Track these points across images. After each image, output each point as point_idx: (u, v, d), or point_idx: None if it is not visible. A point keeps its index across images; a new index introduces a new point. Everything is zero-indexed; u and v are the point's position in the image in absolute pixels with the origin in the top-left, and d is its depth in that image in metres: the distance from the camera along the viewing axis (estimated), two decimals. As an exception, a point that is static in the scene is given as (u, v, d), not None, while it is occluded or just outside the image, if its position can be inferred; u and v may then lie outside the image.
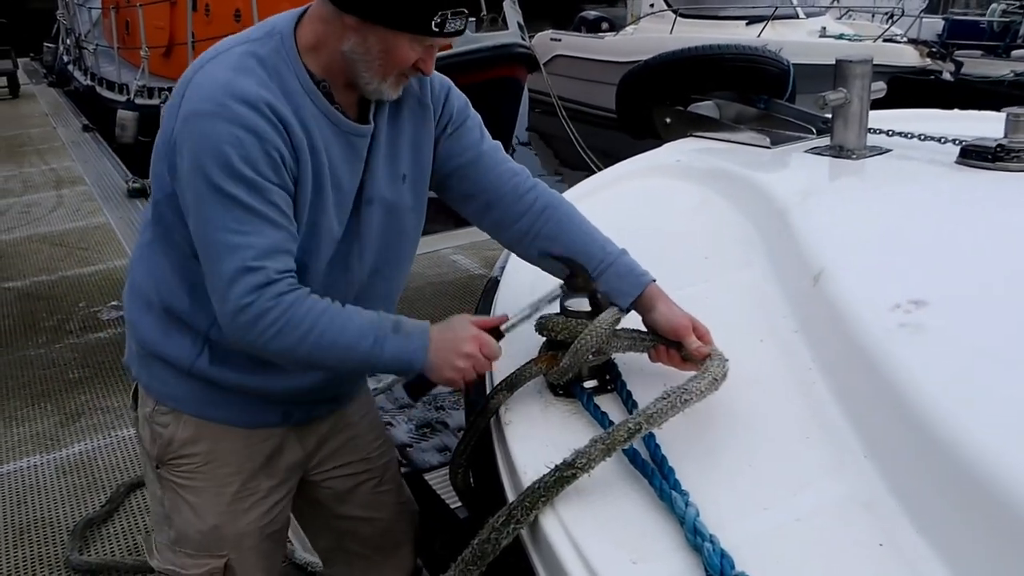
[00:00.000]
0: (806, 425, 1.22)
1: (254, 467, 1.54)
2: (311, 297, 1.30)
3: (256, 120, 1.24)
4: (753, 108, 2.53)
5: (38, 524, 2.74)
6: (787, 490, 1.10)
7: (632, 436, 1.12)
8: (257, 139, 1.24)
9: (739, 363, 1.34)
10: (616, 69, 11.99)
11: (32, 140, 9.99)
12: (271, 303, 1.26)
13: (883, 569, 0.97)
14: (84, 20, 13.38)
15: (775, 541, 1.02)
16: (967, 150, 1.95)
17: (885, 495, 1.06)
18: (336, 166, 1.36)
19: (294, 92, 1.30)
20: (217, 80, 1.27)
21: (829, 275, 1.42)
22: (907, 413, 1.08)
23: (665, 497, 1.08)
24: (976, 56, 12.58)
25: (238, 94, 1.25)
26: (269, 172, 1.26)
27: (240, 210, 1.25)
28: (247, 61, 1.29)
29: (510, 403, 1.33)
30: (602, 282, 1.39)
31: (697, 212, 1.95)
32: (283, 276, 1.28)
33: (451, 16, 1.26)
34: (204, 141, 1.24)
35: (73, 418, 3.40)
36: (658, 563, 1.00)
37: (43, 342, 4.16)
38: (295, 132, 1.28)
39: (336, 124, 1.35)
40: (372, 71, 1.31)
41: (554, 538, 1.05)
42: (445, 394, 3.30)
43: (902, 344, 1.19)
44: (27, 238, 6.00)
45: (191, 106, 1.27)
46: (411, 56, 1.30)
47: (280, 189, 1.28)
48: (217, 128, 1.24)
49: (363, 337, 1.30)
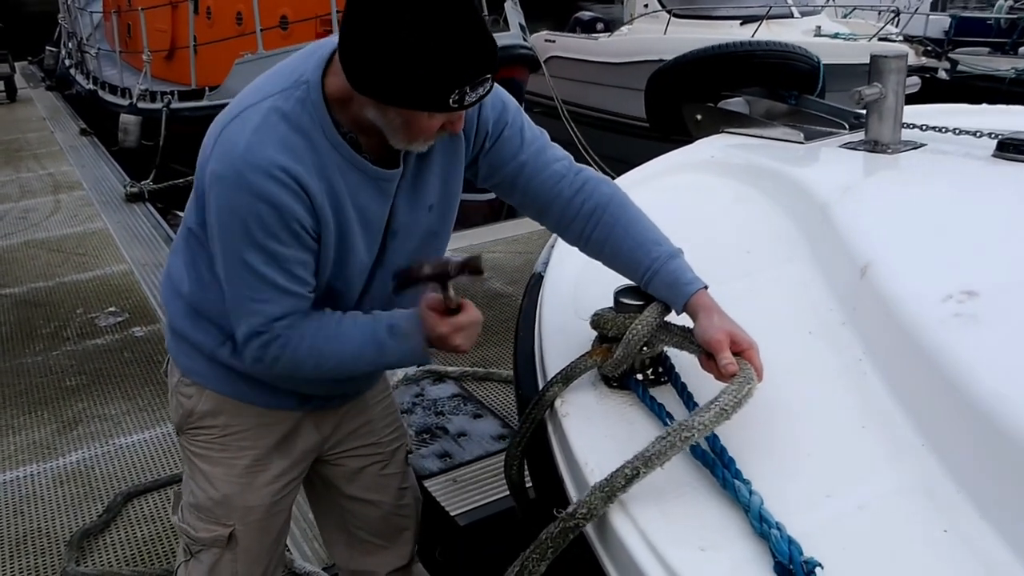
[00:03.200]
0: (860, 415, 1.23)
1: (268, 445, 1.61)
2: (306, 324, 1.39)
3: (275, 192, 1.28)
4: (783, 104, 2.54)
5: (35, 534, 2.71)
6: (847, 479, 1.12)
7: (631, 481, 1.08)
8: (276, 212, 1.29)
9: (788, 355, 1.37)
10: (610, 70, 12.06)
11: (29, 144, 9.83)
12: (278, 352, 1.39)
13: (950, 554, 0.98)
14: (86, 23, 13.30)
15: (840, 529, 1.03)
16: (1004, 143, 1.96)
17: (945, 482, 1.08)
18: (364, 207, 1.39)
19: (319, 147, 1.32)
20: (238, 146, 1.29)
21: (876, 268, 1.43)
22: (966, 402, 1.10)
23: (728, 487, 1.09)
24: (982, 53, 12.59)
25: (258, 164, 1.27)
26: (288, 239, 1.32)
27: (256, 279, 1.34)
28: (271, 118, 1.30)
29: (565, 395, 1.35)
30: (651, 292, 1.39)
31: (735, 207, 1.97)
32: (287, 321, 1.37)
33: (470, 91, 1.21)
34: (226, 210, 1.31)
35: (70, 426, 3.35)
36: (725, 550, 1.02)
37: (40, 349, 4.10)
38: (316, 196, 1.32)
39: (363, 171, 1.37)
40: (397, 139, 1.32)
41: (621, 530, 1.07)
42: (445, 399, 3.30)
43: (958, 334, 1.20)
44: (24, 244, 5.92)
45: (216, 167, 1.31)
46: (434, 126, 1.28)
47: (300, 253, 1.34)
48: (238, 199, 1.29)
49: (364, 349, 1.41)
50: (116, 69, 10.80)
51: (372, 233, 1.42)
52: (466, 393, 3.37)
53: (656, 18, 12.04)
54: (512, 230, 5.77)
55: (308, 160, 1.31)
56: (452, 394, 3.35)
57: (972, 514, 1.03)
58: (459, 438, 3.02)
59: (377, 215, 1.41)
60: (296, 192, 1.29)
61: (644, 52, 11.06)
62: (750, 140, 2.34)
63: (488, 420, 3.15)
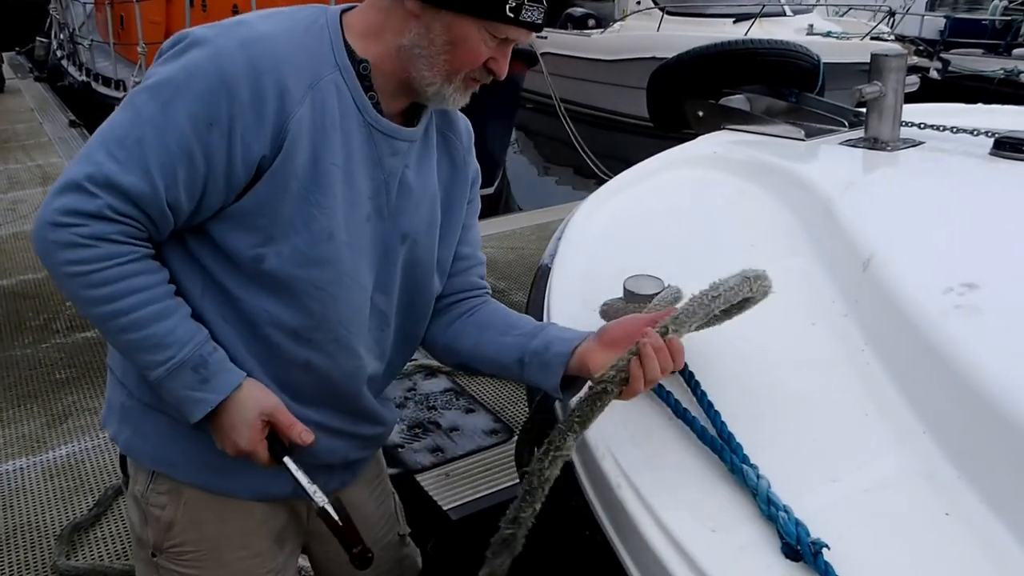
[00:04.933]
0: (863, 403, 1.26)
1: (266, 546, 1.41)
2: (143, 263, 1.15)
3: (242, 75, 1.10)
4: (784, 101, 2.58)
5: (24, 528, 2.69)
6: (851, 464, 1.15)
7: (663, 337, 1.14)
8: (229, 102, 1.11)
9: (793, 346, 1.40)
10: (604, 67, 12.12)
11: (18, 136, 9.76)
12: (85, 241, 1.11)
13: (952, 536, 1.02)
14: (77, 14, 13.22)
15: (845, 511, 1.06)
16: (1001, 142, 2.00)
17: (947, 468, 1.11)
18: (355, 163, 1.22)
19: (323, 60, 1.17)
20: (251, 26, 1.16)
21: (878, 261, 1.47)
22: (966, 389, 1.13)
23: (736, 471, 1.12)
24: (977, 54, 12.73)
25: (260, 50, 1.13)
26: (208, 136, 1.11)
27: (131, 128, 1.11)
28: (276, 14, 1.19)
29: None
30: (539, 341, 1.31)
31: (737, 202, 2.00)
32: (121, 220, 1.13)
33: (528, 2, 1.14)
34: (183, 69, 1.13)
35: (60, 419, 3.33)
36: (735, 532, 1.05)
37: (29, 342, 4.08)
38: (292, 123, 1.14)
39: (370, 119, 1.21)
40: (436, 68, 1.18)
41: (634, 512, 1.10)
42: (437, 393, 3.32)
43: (959, 324, 1.24)
44: (12, 236, 5.88)
45: (206, 33, 1.16)
46: (482, 51, 1.18)
47: (201, 159, 1.12)
48: (208, 63, 1.11)
49: (161, 348, 1.16)
50: (109, 61, 10.75)
51: (357, 197, 1.24)
52: (458, 388, 3.39)
53: (649, 15, 12.10)
54: (505, 226, 5.79)
55: (305, 82, 1.15)
56: (444, 389, 3.38)
57: (973, 497, 1.06)
58: (451, 433, 3.05)
59: (366, 181, 1.24)
60: (272, 103, 1.12)
61: (638, 49, 11.11)
62: (751, 137, 2.37)
63: (480, 415, 3.18)
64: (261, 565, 1.41)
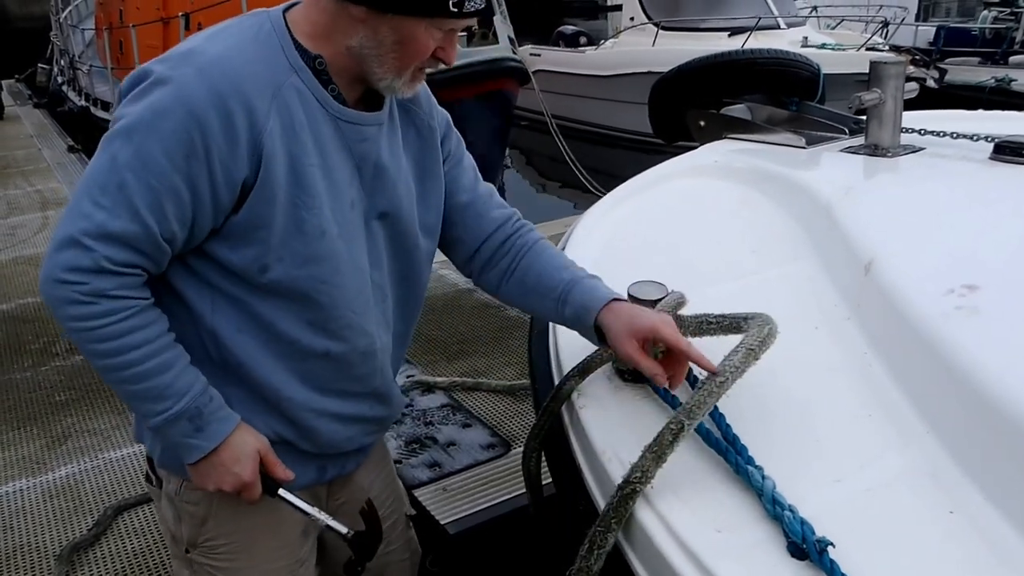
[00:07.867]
0: (866, 404, 1.27)
1: (293, 536, 1.47)
2: (141, 316, 1.20)
3: (208, 104, 1.13)
4: (784, 110, 2.60)
5: (24, 549, 2.68)
6: (855, 464, 1.16)
7: (677, 437, 1.12)
8: (202, 136, 1.14)
9: (796, 350, 1.41)
10: (599, 83, 12.15)
11: (17, 162, 9.82)
12: (86, 298, 1.16)
13: (956, 534, 1.02)
14: (78, 41, 13.34)
15: (850, 511, 1.07)
16: (1001, 146, 2.01)
17: (950, 467, 1.12)
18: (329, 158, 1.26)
19: (278, 67, 1.20)
20: (204, 53, 1.18)
21: (880, 265, 1.48)
22: (968, 389, 1.14)
23: (741, 472, 1.13)
24: (972, 64, 12.82)
25: (223, 75, 1.16)
26: (186, 166, 1.15)
27: (112, 175, 1.15)
28: (239, 38, 1.21)
29: (582, 388, 1.39)
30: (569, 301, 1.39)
31: (740, 210, 2.02)
32: (120, 271, 1.18)
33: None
34: (152, 109, 1.16)
35: (59, 441, 3.35)
36: (741, 532, 1.06)
37: (29, 365, 4.10)
38: (265, 139, 1.18)
39: (329, 109, 1.24)
40: (386, 66, 1.22)
41: (641, 515, 1.11)
42: (434, 409, 3.33)
43: (960, 325, 1.25)
44: (12, 260, 5.91)
45: (165, 70, 1.18)
46: (429, 44, 1.21)
47: (185, 190, 1.16)
48: (177, 105, 1.14)
49: (160, 400, 1.23)
50: (108, 86, 10.84)
51: (338, 191, 1.28)
52: (455, 403, 3.40)
53: (643, 31, 12.12)
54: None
55: (267, 94, 1.18)
56: (441, 404, 3.38)
57: (976, 496, 1.07)
58: (448, 447, 3.04)
59: (343, 172, 1.28)
60: (242, 123, 1.16)
61: (634, 64, 11.15)
62: (753, 145, 2.39)
63: (477, 429, 3.18)
64: (291, 555, 1.48)
